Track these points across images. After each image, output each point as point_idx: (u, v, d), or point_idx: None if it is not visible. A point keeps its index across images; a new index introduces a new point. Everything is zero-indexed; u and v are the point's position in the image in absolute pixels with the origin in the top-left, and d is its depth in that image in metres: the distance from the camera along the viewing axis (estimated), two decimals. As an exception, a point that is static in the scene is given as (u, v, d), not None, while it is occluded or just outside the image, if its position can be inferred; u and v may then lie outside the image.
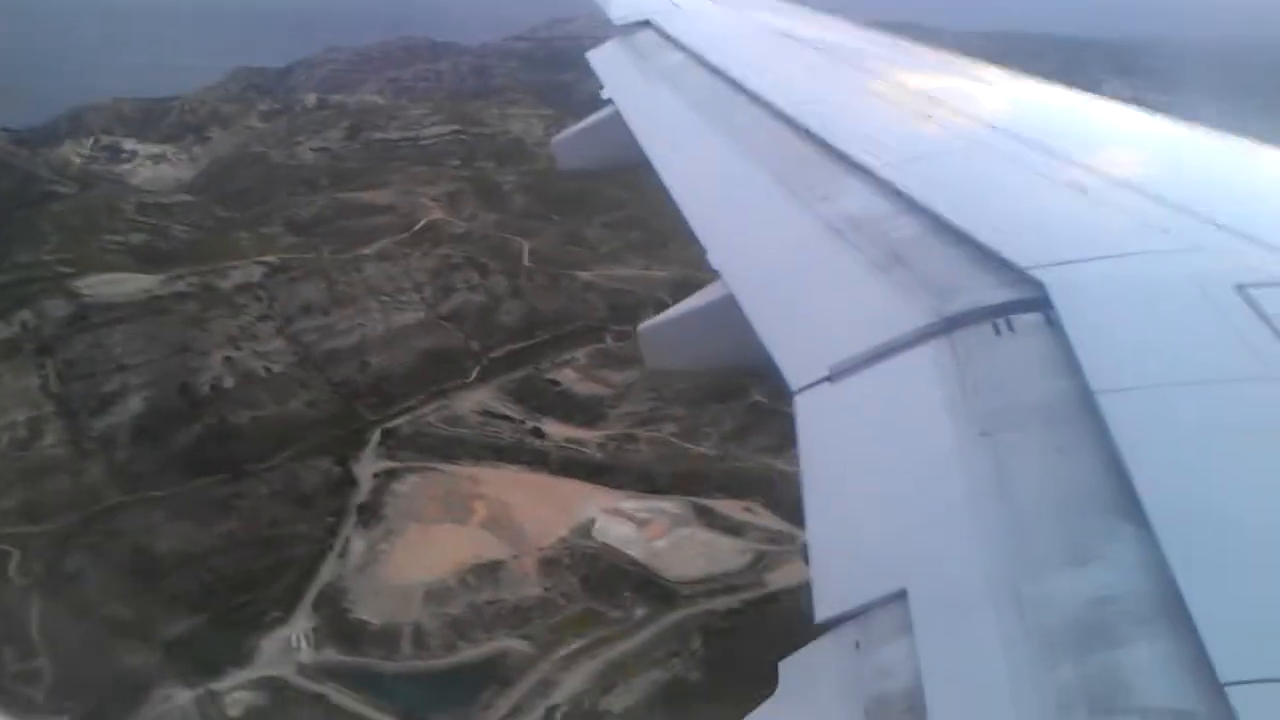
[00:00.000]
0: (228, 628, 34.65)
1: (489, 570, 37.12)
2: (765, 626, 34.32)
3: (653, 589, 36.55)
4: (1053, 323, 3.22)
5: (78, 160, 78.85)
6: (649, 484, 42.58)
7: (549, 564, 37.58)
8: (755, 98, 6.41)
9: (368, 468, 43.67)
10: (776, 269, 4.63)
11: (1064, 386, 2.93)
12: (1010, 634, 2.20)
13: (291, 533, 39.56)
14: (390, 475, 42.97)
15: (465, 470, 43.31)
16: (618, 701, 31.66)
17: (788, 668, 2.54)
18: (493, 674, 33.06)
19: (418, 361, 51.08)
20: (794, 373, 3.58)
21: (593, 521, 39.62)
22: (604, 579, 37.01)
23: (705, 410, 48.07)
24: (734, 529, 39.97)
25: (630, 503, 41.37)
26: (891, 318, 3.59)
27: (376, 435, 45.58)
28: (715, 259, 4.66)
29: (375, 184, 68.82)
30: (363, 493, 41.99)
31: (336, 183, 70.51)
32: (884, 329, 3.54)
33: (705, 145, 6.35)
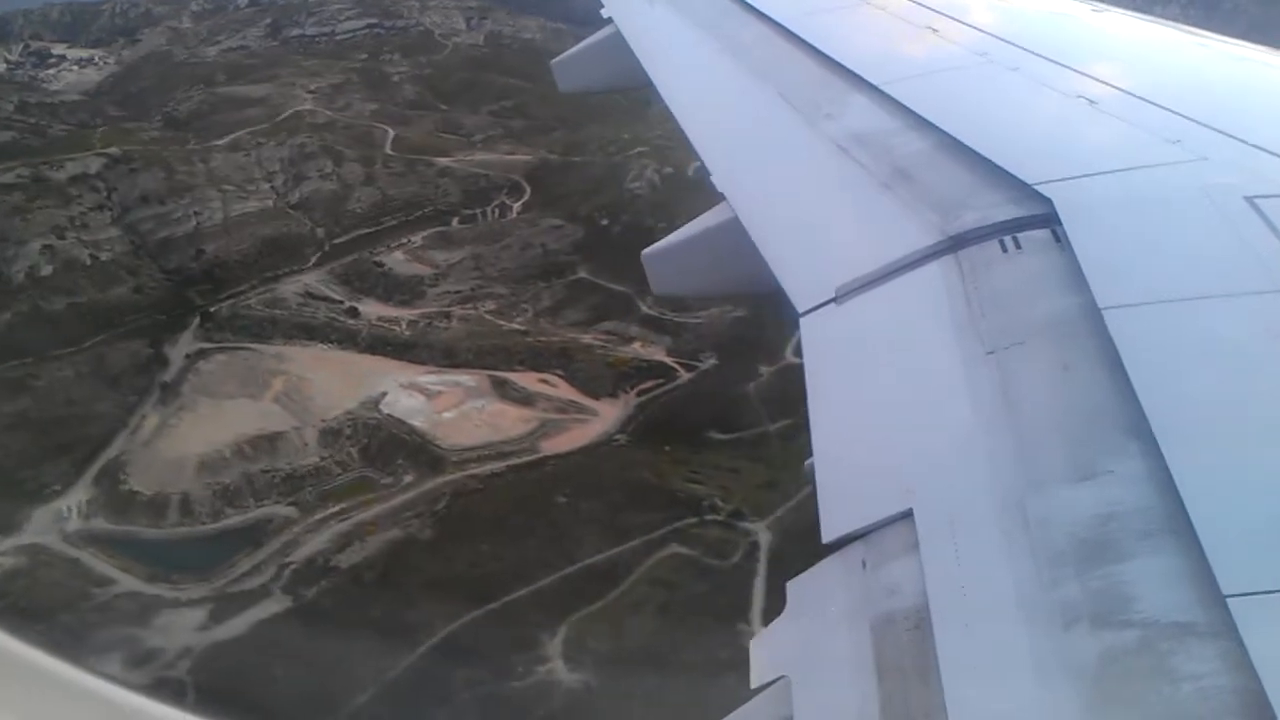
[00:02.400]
0: (2, 501, 35.51)
1: (268, 441, 38.03)
2: (514, 488, 35.27)
3: (425, 456, 37.40)
4: (1060, 239, 3.19)
5: (2, 67, 77.53)
6: (451, 359, 43.51)
7: (330, 435, 38.43)
8: (759, 14, 6.25)
9: (182, 349, 44.37)
10: (781, 190, 4.57)
11: (1071, 303, 2.91)
12: (1015, 551, 2.21)
13: (89, 412, 40.35)
14: (200, 355, 43.81)
15: (273, 349, 44.33)
16: (346, 559, 32.84)
17: (795, 588, 2.57)
18: (250, 538, 34.25)
19: (257, 248, 51.71)
20: (800, 294, 3.56)
21: (384, 395, 40.55)
22: (382, 448, 37.88)
23: (527, 288, 48.85)
24: (526, 400, 40.80)
25: (429, 377, 42.21)
26: (897, 237, 3.54)
27: (197, 319, 46.44)
28: (719, 180, 4.60)
29: (264, 79, 69.12)
30: (170, 373, 42.74)
31: (232, 79, 70.64)
32: (890, 249, 3.49)
33: (708, 64, 6.25)
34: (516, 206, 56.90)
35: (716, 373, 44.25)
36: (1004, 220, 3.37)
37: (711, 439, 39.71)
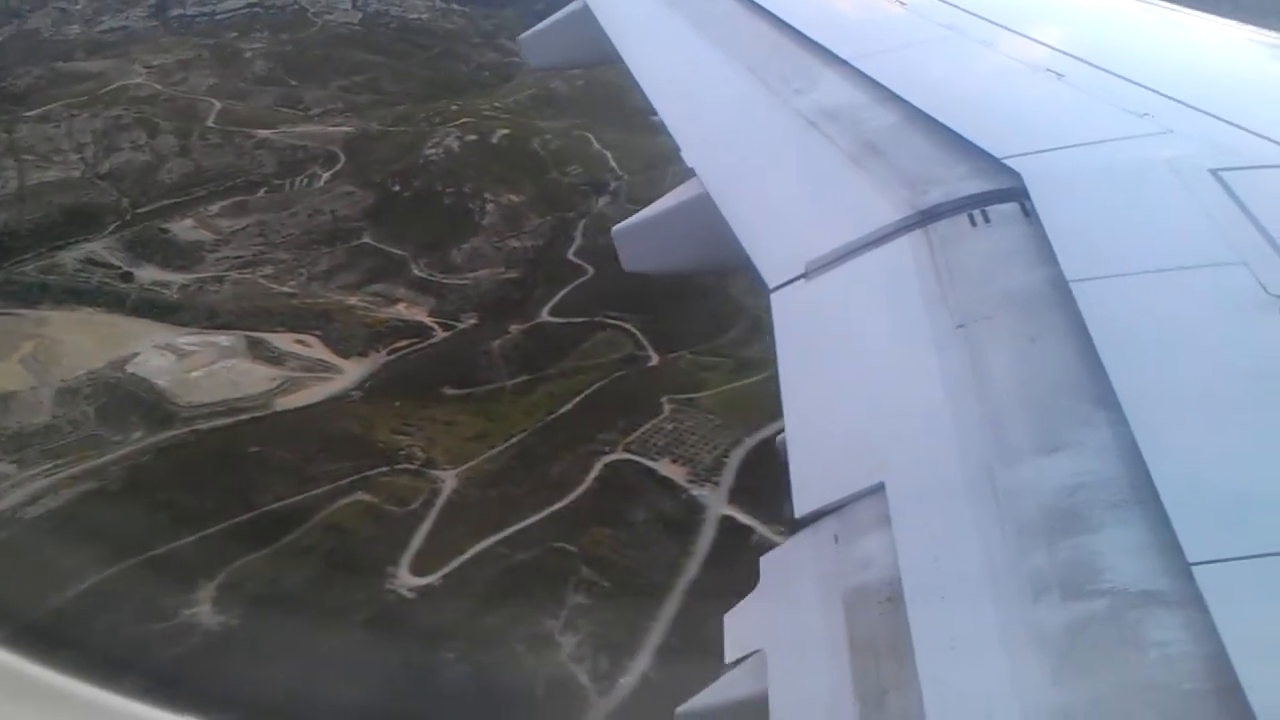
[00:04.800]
0: None
1: (1, 401, 38.10)
2: (226, 440, 36.39)
3: (159, 414, 38.16)
4: (1029, 212, 3.20)
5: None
6: (213, 320, 44.61)
7: (67, 394, 38.63)
8: None
9: (-57, 313, 44.06)
10: (751, 165, 4.56)
11: (1040, 276, 2.93)
12: (985, 522, 2.25)
13: None
14: (-43, 320, 43.37)
15: (37, 314, 44.17)
16: (34, 510, 33.52)
17: (768, 562, 2.59)
18: (-38, 495, 34.73)
19: (53, 217, 51.46)
20: (770, 270, 3.56)
21: (136, 355, 40.96)
22: (118, 407, 38.31)
23: (309, 253, 49.92)
24: (276, 359, 41.98)
25: (187, 338, 42.97)
26: (867, 212, 3.56)
27: (-34, 284, 46.10)
28: (689, 156, 4.56)
29: (116, 55, 68.94)
30: (-78, 337, 42.35)
31: (88, 56, 70.36)
32: (860, 224, 3.50)
33: (677, 40, 6.18)
34: (326, 176, 57.05)
35: (474, 332, 45.13)
36: (973, 194, 3.39)
37: (444, 395, 40.69)
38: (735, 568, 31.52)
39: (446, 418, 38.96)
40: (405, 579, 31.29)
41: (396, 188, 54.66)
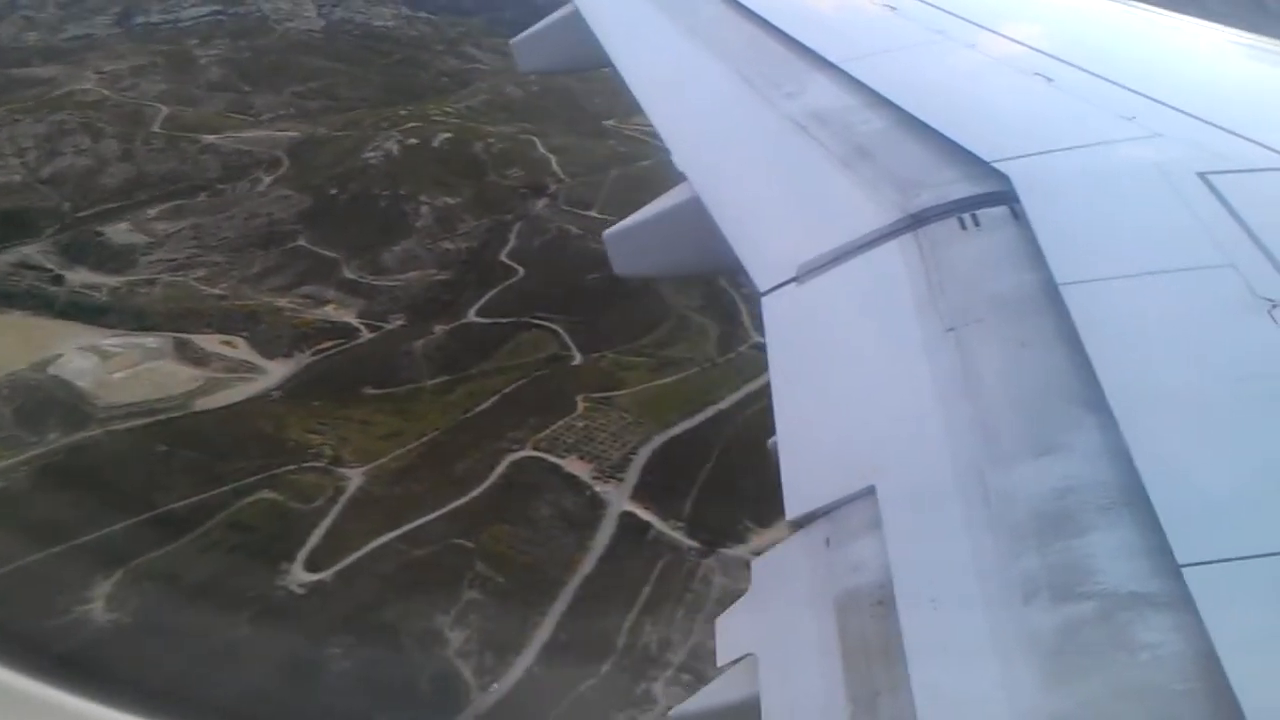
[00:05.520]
0: None
1: None
2: (137, 440, 36.85)
3: (77, 415, 38.46)
4: (1018, 216, 3.22)
5: None
6: (141, 322, 45.08)
7: None
8: None
9: None
10: (741, 169, 4.56)
11: (1029, 280, 2.95)
12: (976, 525, 2.25)
13: None
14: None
15: None
16: None
17: (760, 566, 2.58)
18: None
19: None
20: (761, 274, 3.56)
21: (59, 357, 41.09)
22: (37, 408, 38.59)
23: (243, 256, 50.65)
24: (201, 360, 42.59)
25: (113, 340, 43.18)
26: (858, 215, 3.56)
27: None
28: (680, 160, 4.56)
29: (71, 62, 69.18)
30: None
31: (46, 62, 70.72)
32: (850, 227, 3.51)
33: (668, 44, 6.18)
34: (268, 180, 57.10)
35: (400, 333, 45.40)
36: (963, 198, 3.40)
37: (364, 394, 41.10)
38: (630, 563, 32.59)
39: (363, 417, 39.39)
40: (298, 575, 31.45)
41: (334, 191, 54.94)
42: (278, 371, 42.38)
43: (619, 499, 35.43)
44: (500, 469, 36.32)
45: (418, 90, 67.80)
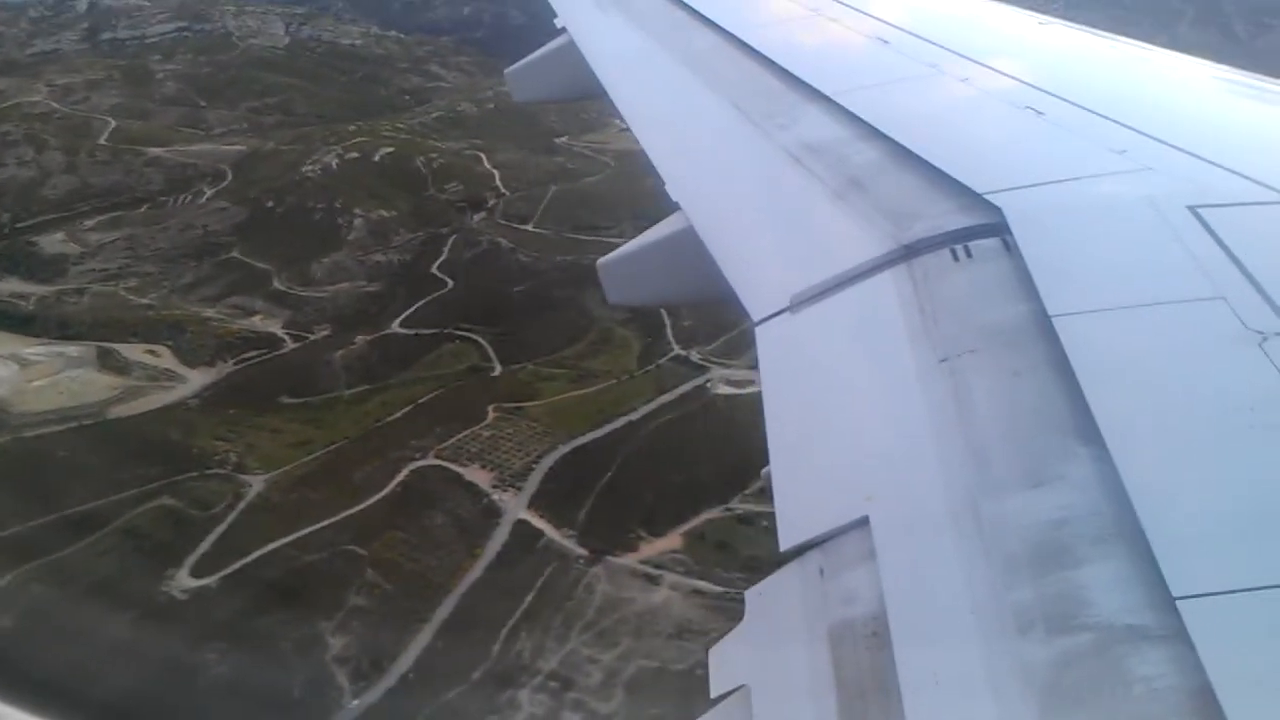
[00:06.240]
0: None
1: None
2: (50, 446, 37.61)
3: None
4: (1010, 247, 3.25)
5: None
6: (66, 331, 45.73)
7: None
8: (713, 26, 6.28)
9: None
10: (735, 199, 4.57)
11: (1021, 311, 2.97)
12: (970, 556, 2.25)
13: None
14: None
15: None
16: None
17: (753, 596, 2.56)
18: None
19: None
20: (755, 303, 3.56)
21: None
22: None
23: (176, 266, 51.57)
24: (122, 369, 43.34)
25: (37, 348, 44.06)
26: (851, 246, 3.58)
27: None
28: (674, 190, 4.56)
29: (23, 74, 70.35)
30: None
31: (5, 75, 72.14)
32: (844, 258, 3.53)
33: (662, 75, 6.22)
34: (210, 193, 57.82)
35: (324, 343, 46.10)
36: (955, 229, 3.42)
37: (281, 403, 41.54)
38: (517, 571, 33.19)
39: (275, 425, 39.67)
40: (183, 581, 31.61)
41: (270, 204, 55.30)
42: (198, 380, 42.84)
43: (516, 507, 35.75)
44: (400, 477, 36.73)
45: (375, 107, 69.01)
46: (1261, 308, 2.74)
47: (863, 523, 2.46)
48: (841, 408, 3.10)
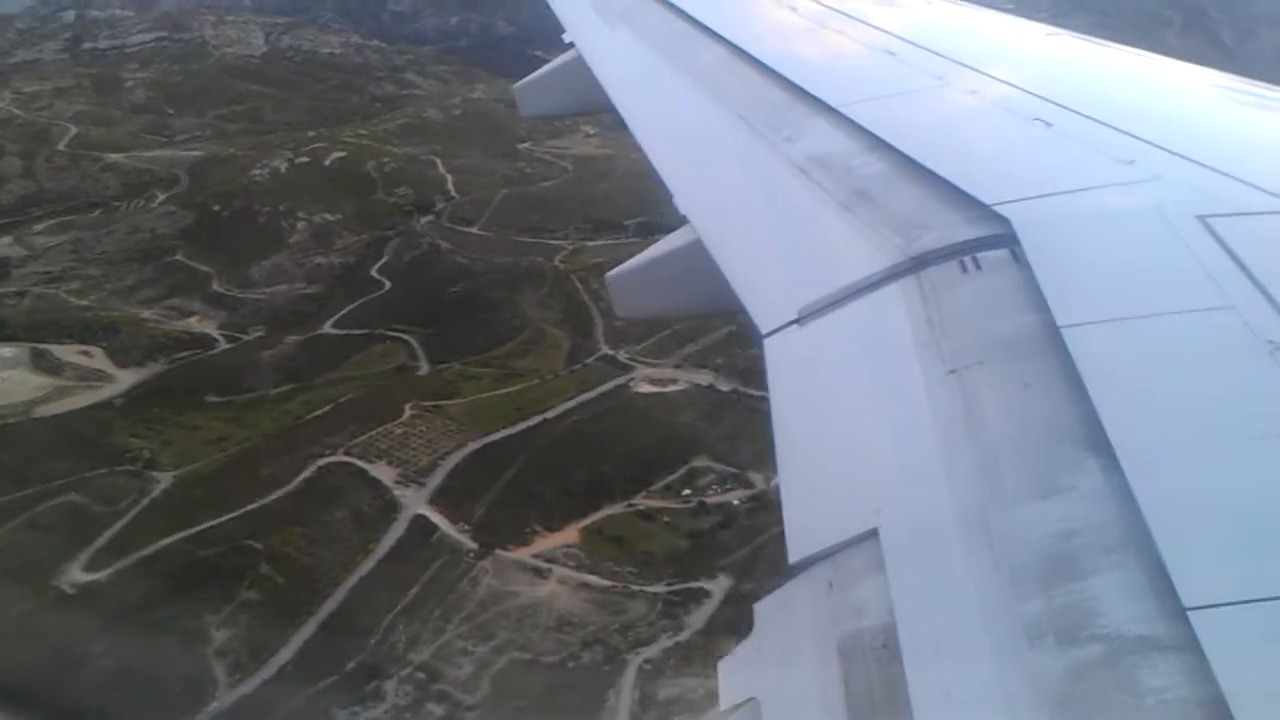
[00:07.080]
0: None
1: None
2: None
3: None
4: (1019, 258, 3.24)
5: None
6: (2, 333, 46.83)
7: None
8: (720, 39, 6.28)
9: None
10: (743, 212, 4.55)
11: (1030, 322, 2.96)
12: (980, 568, 2.24)
13: None
14: None
15: None
16: None
17: (762, 609, 2.55)
18: None
19: None
20: (763, 316, 3.55)
21: None
22: None
23: (120, 269, 52.30)
24: (55, 369, 44.32)
25: None
26: (859, 258, 3.58)
27: None
28: (682, 203, 4.55)
29: None
30: None
31: None
32: (852, 270, 3.53)
33: (669, 88, 6.23)
34: (162, 198, 58.06)
35: (257, 344, 46.48)
36: (963, 240, 3.41)
37: (205, 402, 41.95)
38: (407, 565, 33.47)
39: (196, 423, 40.17)
40: (74, 575, 31.80)
41: (216, 208, 55.74)
42: (127, 380, 43.40)
43: (416, 502, 36.12)
44: (307, 473, 37.14)
45: (343, 114, 69.79)
46: (1272, 317, 2.74)
47: (872, 535, 2.44)
48: (850, 420, 3.09)
